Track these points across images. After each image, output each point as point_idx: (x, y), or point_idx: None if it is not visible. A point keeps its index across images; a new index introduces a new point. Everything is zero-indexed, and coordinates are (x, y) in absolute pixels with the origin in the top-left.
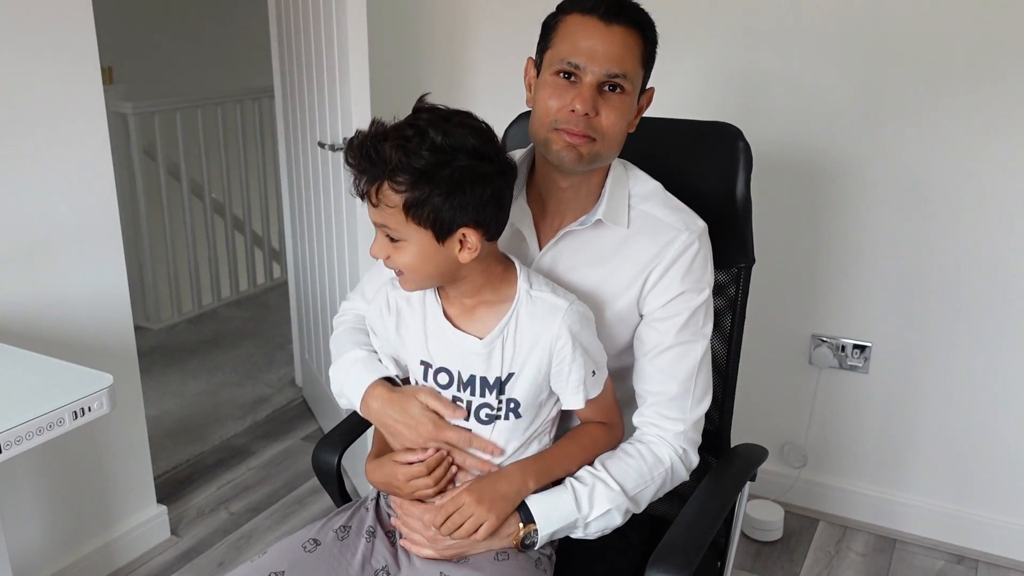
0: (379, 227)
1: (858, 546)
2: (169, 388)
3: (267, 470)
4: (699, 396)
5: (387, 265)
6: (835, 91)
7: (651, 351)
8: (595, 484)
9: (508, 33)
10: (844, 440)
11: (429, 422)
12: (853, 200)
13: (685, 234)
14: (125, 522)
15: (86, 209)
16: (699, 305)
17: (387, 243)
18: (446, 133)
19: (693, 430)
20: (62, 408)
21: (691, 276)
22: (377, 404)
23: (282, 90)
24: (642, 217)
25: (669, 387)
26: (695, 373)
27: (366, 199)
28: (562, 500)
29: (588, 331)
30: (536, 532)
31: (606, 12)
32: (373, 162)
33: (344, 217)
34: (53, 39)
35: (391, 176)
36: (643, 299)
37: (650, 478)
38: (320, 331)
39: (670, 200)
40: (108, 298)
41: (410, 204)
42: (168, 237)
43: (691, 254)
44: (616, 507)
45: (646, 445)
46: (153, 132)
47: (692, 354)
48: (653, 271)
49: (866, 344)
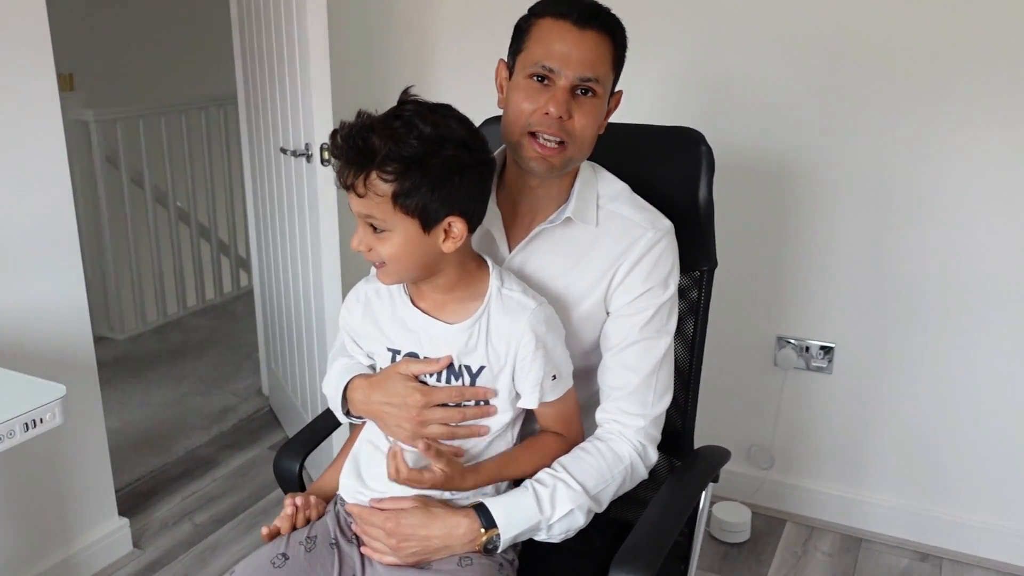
0: (364, 217)
1: (824, 546)
2: (133, 399)
3: (233, 480)
4: (660, 392)
5: (368, 258)
6: (797, 95)
7: (615, 346)
8: (556, 485)
9: (473, 34)
10: (810, 441)
11: (415, 391)
12: (816, 202)
13: (651, 232)
14: (86, 536)
15: (42, 218)
16: (664, 302)
17: (370, 234)
18: (434, 124)
19: (653, 426)
20: (12, 420)
21: (656, 273)
22: (360, 395)
23: (245, 96)
24: (610, 216)
25: (630, 381)
26: (657, 369)
27: (351, 190)
28: (523, 503)
29: (553, 334)
30: (499, 536)
31: (579, 17)
32: (361, 152)
33: (308, 223)
34: (5, 42)
35: (380, 166)
36: (609, 296)
37: (610, 476)
38: (287, 339)
39: (636, 200)
40: (66, 308)
41: (398, 193)
42: (132, 246)
43: (657, 252)
44: (578, 507)
45: (605, 443)
46: (116, 140)
47: (655, 350)
48: (620, 268)
49: (830, 345)
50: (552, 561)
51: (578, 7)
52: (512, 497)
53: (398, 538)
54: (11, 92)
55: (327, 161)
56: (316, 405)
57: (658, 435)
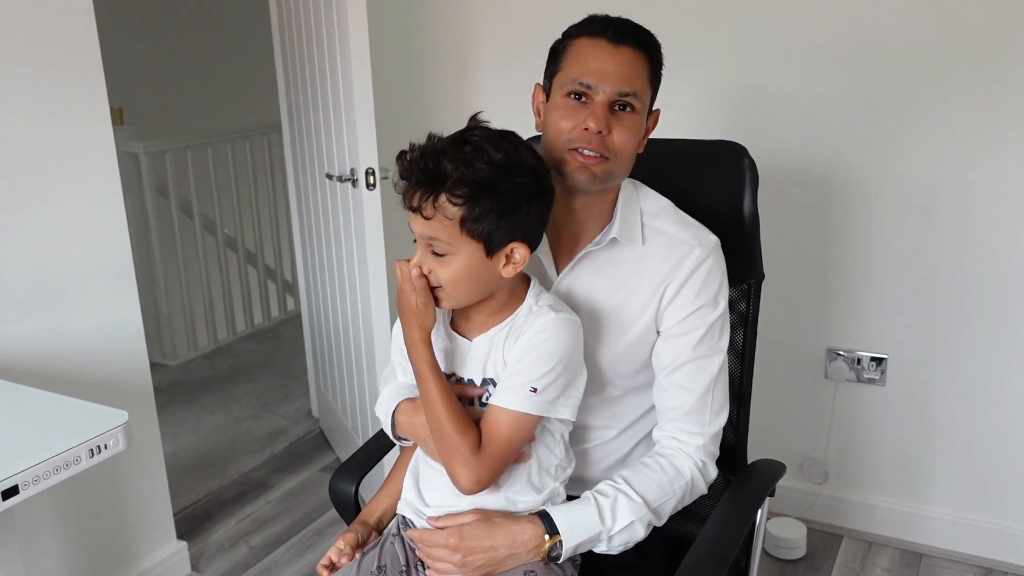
0: (427, 240)
1: (884, 562)
2: (186, 424)
3: (286, 503)
4: (717, 409)
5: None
6: (839, 104)
7: (668, 366)
8: (617, 496)
9: (510, 58)
10: (865, 454)
11: None
12: (863, 211)
13: (698, 249)
14: (146, 559)
15: (99, 248)
16: (715, 319)
17: (430, 257)
18: (505, 151)
19: (712, 443)
20: (78, 447)
21: (706, 291)
22: (404, 418)
23: (289, 124)
24: (655, 234)
25: (686, 401)
26: (712, 387)
27: (418, 212)
28: (585, 512)
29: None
30: (561, 544)
31: (615, 34)
32: (431, 174)
33: (355, 246)
34: (62, 83)
35: (451, 189)
36: (660, 316)
37: (671, 491)
38: (335, 362)
39: (681, 216)
40: (123, 336)
41: (467, 218)
42: (182, 274)
43: (705, 269)
44: (639, 519)
45: (667, 458)
46: (164, 170)
47: (709, 368)
48: (668, 287)
49: (882, 356)
50: None
51: (613, 25)
52: (574, 506)
53: (463, 552)
54: (69, 129)
55: (372, 186)
56: (367, 427)
57: (717, 451)
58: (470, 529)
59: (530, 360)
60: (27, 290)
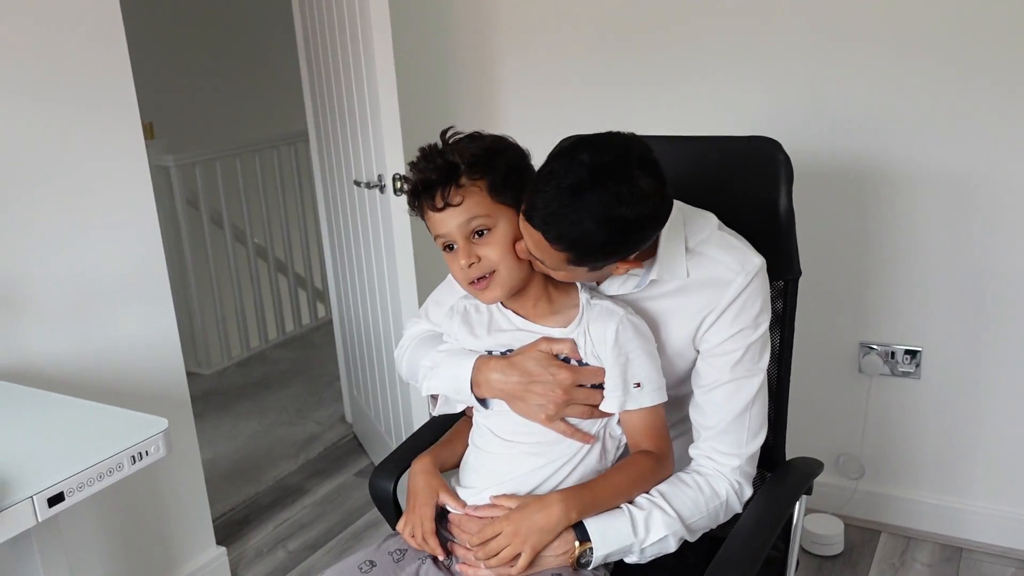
0: (465, 226)
1: (923, 556)
2: (222, 431)
3: (322, 507)
4: (754, 430)
5: (476, 273)
6: (873, 96)
7: (706, 386)
8: (652, 510)
9: (534, 65)
10: (901, 448)
11: (562, 368)
12: (897, 203)
13: (741, 276)
14: (187, 565)
15: (135, 260)
16: (754, 341)
17: (472, 247)
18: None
19: (748, 464)
20: (120, 453)
21: (746, 315)
22: (497, 375)
23: (316, 133)
24: (698, 261)
25: (722, 420)
26: (749, 408)
27: (446, 207)
28: (618, 523)
29: (639, 343)
30: (591, 551)
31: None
32: (443, 168)
33: (384, 251)
34: (96, 99)
35: (467, 168)
36: (699, 338)
37: (706, 510)
38: (367, 367)
39: (725, 239)
40: (160, 345)
41: (493, 184)
42: (214, 283)
43: (746, 295)
44: (672, 533)
45: (704, 477)
46: (195, 182)
47: (746, 389)
48: (709, 315)
49: (917, 349)
50: None
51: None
52: (608, 516)
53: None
54: (103, 144)
55: (400, 191)
56: (400, 431)
57: (753, 471)
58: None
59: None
60: (67, 302)
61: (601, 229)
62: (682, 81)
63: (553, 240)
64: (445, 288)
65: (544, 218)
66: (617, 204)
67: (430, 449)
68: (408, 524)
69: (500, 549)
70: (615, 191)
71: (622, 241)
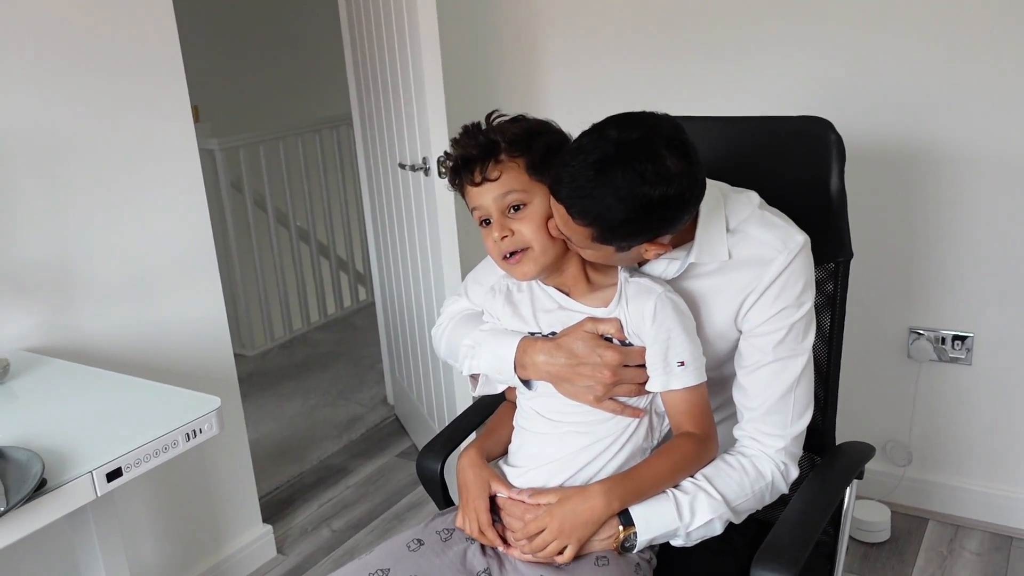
0: (501, 200)
1: (972, 545)
2: (266, 411)
3: (365, 487)
4: (799, 410)
5: (508, 248)
6: (926, 73)
7: (749, 366)
8: (697, 494)
9: (578, 46)
10: (950, 435)
11: (609, 349)
12: (949, 185)
13: (783, 255)
14: (234, 542)
15: (185, 242)
16: (797, 320)
17: (507, 221)
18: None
19: (794, 444)
20: (176, 431)
21: (789, 293)
22: (544, 357)
23: (360, 116)
24: (739, 239)
25: (765, 402)
26: (793, 388)
27: (484, 181)
28: (663, 508)
29: (679, 320)
30: (635, 535)
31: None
32: (484, 145)
33: (427, 234)
34: (147, 87)
35: (508, 145)
36: (740, 319)
37: (751, 491)
38: (409, 350)
39: (767, 218)
40: (209, 326)
41: (531, 162)
42: (258, 266)
43: (788, 273)
44: (718, 516)
45: (749, 459)
46: (239, 166)
47: (791, 369)
48: (750, 295)
49: (968, 334)
50: (692, 560)
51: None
52: (652, 502)
53: (545, 535)
54: (155, 128)
55: (444, 173)
56: (443, 413)
57: (799, 452)
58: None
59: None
60: (120, 283)
61: (623, 206)
62: (730, 60)
63: (576, 215)
64: (485, 267)
65: (568, 192)
66: (640, 182)
67: (474, 442)
68: (465, 520)
69: (546, 544)
70: (639, 169)
71: (644, 220)
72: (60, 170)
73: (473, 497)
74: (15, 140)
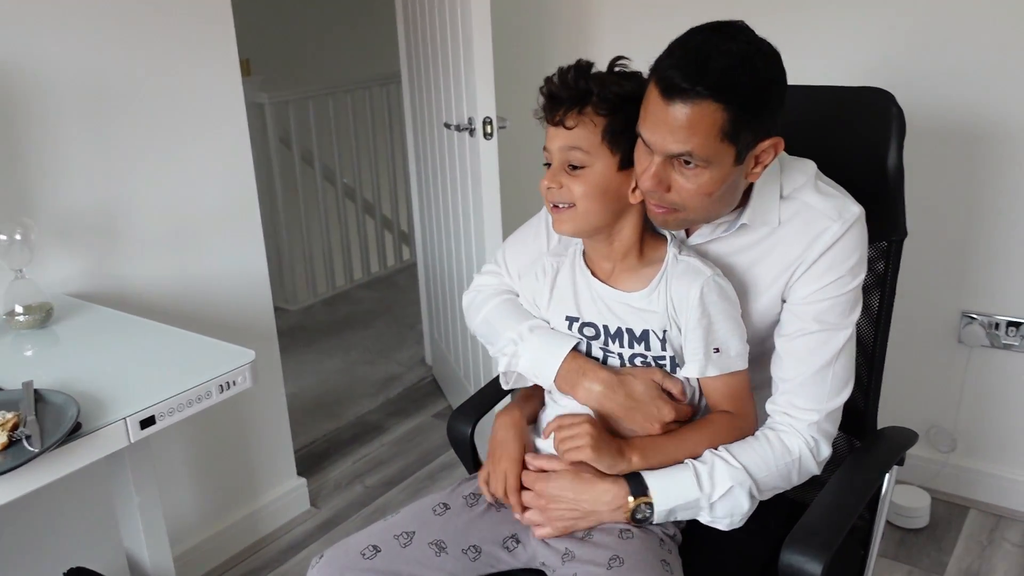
0: (566, 151)
1: (1015, 536)
2: (306, 366)
3: (400, 446)
4: (838, 386)
5: (556, 197)
6: (991, 47)
7: (788, 335)
8: (715, 461)
9: (634, 11)
10: (998, 423)
11: (667, 404)
12: (1011, 165)
13: (837, 224)
14: (268, 493)
15: (228, 195)
16: (844, 293)
17: (562, 174)
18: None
19: (827, 421)
20: (209, 382)
21: (841, 265)
22: (600, 388)
23: (409, 75)
24: (793, 207)
25: (801, 373)
26: (833, 362)
27: (560, 125)
28: (681, 476)
29: (723, 306)
30: (648, 506)
31: (667, 88)
32: (580, 89)
33: (471, 196)
34: (196, 37)
35: (597, 102)
36: (788, 288)
37: (775, 465)
38: (449, 312)
39: (822, 186)
40: (250, 279)
41: (610, 128)
42: (303, 222)
43: (842, 245)
44: (739, 484)
45: (776, 432)
46: (288, 120)
47: (833, 341)
48: (800, 265)
49: (1023, 321)
50: (722, 539)
51: (677, 69)
52: (670, 471)
53: (547, 499)
54: (202, 80)
55: (490, 135)
56: (479, 376)
57: (834, 431)
58: (558, 478)
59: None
60: (163, 232)
61: (747, 71)
62: (791, 28)
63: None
64: (524, 238)
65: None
66: (755, 52)
67: (515, 403)
68: (492, 477)
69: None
70: (747, 40)
71: (764, 92)
72: (106, 117)
73: (507, 457)
74: (64, 87)
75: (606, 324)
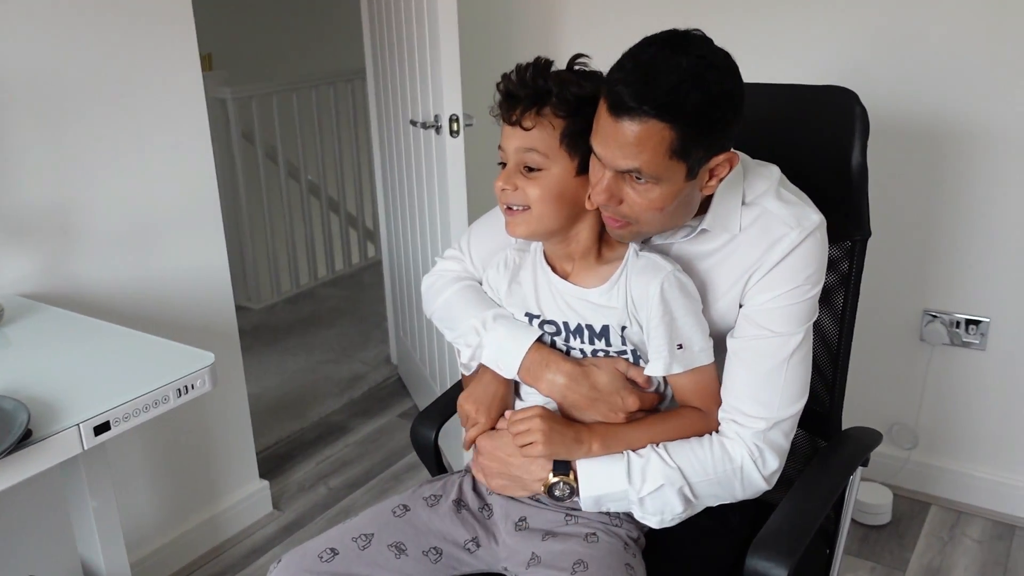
0: (523, 153)
1: (974, 532)
2: (269, 366)
3: (364, 447)
4: (789, 396)
5: (509, 200)
6: (954, 45)
7: (739, 339)
8: (651, 457)
9: (602, 4)
10: (958, 420)
11: (631, 395)
12: (972, 165)
13: (795, 232)
14: (230, 496)
15: (188, 192)
16: (800, 301)
17: (518, 176)
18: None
19: (777, 432)
20: (167, 386)
21: (798, 275)
22: (563, 379)
23: (374, 71)
24: (753, 213)
25: (752, 379)
26: (783, 368)
27: (517, 125)
28: (612, 466)
29: (684, 303)
30: (568, 486)
31: (614, 104)
32: (538, 89)
33: (436, 193)
34: (154, 29)
35: (556, 103)
36: (744, 295)
37: (713, 471)
38: (415, 310)
39: (784, 193)
40: (210, 278)
41: (568, 131)
42: (267, 219)
43: (799, 253)
44: (670, 483)
45: (719, 438)
46: (251, 116)
47: (784, 347)
48: (756, 272)
49: (983, 319)
50: (685, 540)
51: (625, 86)
52: (605, 458)
53: (484, 455)
54: (160, 74)
55: (456, 133)
56: (445, 376)
57: (785, 444)
58: (500, 436)
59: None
60: (120, 231)
61: (696, 88)
62: (756, 26)
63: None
64: (491, 223)
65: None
66: (706, 67)
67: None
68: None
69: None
70: (699, 54)
71: (714, 109)
72: (62, 114)
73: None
74: (17, 82)
75: (566, 320)
